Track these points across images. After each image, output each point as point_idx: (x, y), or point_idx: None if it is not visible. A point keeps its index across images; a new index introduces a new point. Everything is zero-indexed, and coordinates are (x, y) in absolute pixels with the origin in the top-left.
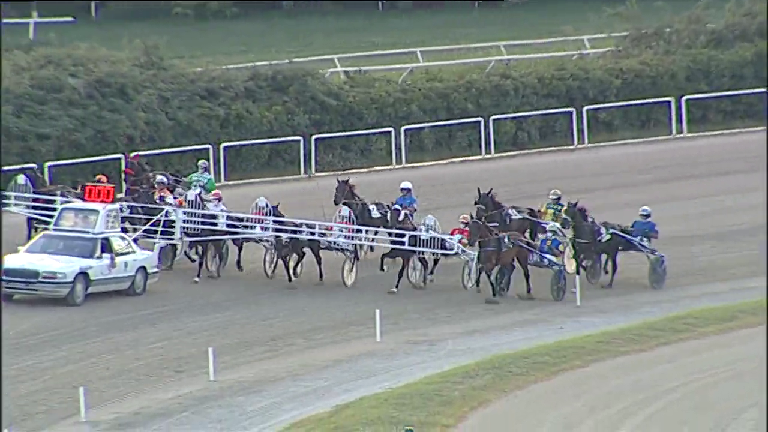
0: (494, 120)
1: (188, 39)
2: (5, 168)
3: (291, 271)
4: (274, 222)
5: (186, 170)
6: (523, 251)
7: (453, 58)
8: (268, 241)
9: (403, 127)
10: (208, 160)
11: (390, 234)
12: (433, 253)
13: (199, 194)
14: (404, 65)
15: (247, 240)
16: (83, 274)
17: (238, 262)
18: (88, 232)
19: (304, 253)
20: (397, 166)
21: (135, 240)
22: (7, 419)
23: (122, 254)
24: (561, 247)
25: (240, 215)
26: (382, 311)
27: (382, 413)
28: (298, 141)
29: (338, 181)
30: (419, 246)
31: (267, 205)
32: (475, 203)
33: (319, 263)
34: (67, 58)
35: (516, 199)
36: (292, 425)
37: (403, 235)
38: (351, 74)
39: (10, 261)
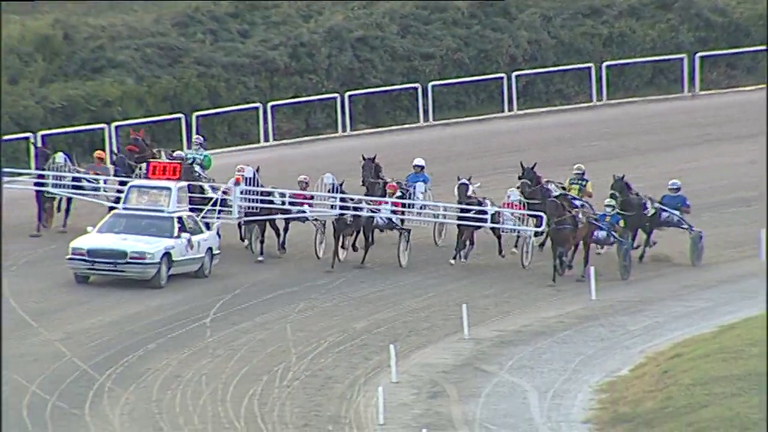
0: None
1: None
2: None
3: (349, 249)
4: (327, 200)
5: (567, 90)
6: (592, 228)
7: None
8: (317, 220)
9: None
10: (588, 78)
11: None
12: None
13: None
14: None
15: (293, 219)
16: (167, 254)
17: (283, 243)
18: (162, 211)
19: (358, 232)
20: None
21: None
22: (392, 335)
23: (194, 234)
24: (621, 223)
25: (283, 191)
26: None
27: None
28: (682, 59)
29: (364, 158)
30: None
31: (333, 182)
32: (519, 178)
33: (369, 244)
34: None
35: None
36: (675, 345)
37: (468, 210)
38: None
39: (90, 241)
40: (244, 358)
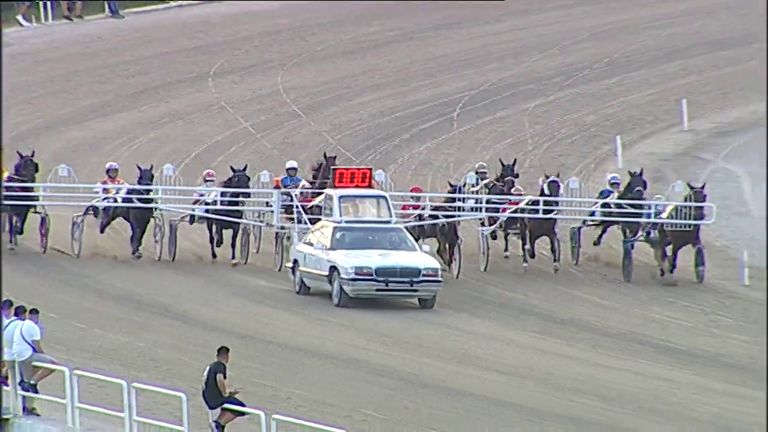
0: None
1: None
2: None
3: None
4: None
5: None
6: None
7: None
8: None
9: None
10: None
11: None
12: None
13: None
14: None
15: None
16: None
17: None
18: (388, 222)
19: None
20: None
21: None
22: (618, 127)
23: None
24: None
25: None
26: None
27: None
28: None
29: (326, 157)
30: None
31: (477, 182)
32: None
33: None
34: None
35: None
36: None
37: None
38: None
39: (367, 260)
40: (487, 148)
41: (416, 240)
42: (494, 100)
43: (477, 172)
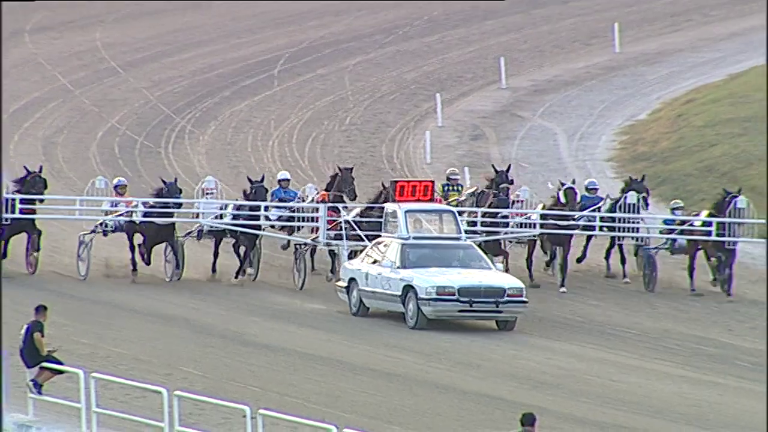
0: None
1: None
2: None
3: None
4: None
5: None
6: None
7: None
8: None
9: None
10: None
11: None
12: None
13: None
14: None
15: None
16: None
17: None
18: (459, 239)
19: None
20: None
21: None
22: (438, 84)
23: None
24: None
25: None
26: None
27: None
28: None
29: (340, 169)
30: None
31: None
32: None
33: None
34: None
35: None
36: (689, 92)
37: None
38: None
39: (448, 279)
40: (308, 105)
41: None
42: (315, 57)
43: (449, 179)
